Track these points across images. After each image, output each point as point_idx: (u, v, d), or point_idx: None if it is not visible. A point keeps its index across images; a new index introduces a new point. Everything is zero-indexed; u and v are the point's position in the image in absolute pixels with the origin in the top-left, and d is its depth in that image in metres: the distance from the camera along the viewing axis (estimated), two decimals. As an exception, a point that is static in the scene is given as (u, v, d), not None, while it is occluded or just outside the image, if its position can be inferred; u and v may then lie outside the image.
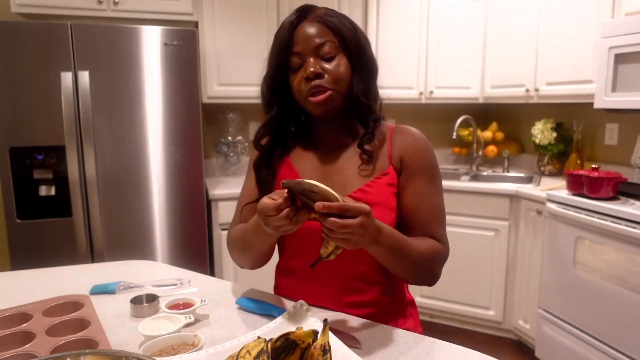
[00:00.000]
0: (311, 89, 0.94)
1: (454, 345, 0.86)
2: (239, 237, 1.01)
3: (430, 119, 3.43)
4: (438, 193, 1.02)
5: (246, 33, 2.68)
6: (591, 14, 2.30)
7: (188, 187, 2.39)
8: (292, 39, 0.95)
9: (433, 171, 1.02)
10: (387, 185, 0.99)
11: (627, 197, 2.06)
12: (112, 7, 2.43)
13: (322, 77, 0.94)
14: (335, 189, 0.93)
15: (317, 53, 0.94)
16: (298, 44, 0.95)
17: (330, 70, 0.94)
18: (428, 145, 1.03)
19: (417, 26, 2.94)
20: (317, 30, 0.94)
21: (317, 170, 1.04)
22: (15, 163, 2.13)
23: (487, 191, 2.59)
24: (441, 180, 1.04)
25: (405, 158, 1.01)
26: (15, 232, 2.17)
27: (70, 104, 2.12)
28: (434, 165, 1.02)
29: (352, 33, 0.97)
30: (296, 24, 0.96)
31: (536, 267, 2.39)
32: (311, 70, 0.93)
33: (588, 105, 2.35)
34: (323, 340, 0.60)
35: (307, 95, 0.95)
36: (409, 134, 1.03)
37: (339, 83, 0.95)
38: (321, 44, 0.94)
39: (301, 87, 0.95)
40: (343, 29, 0.96)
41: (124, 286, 1.12)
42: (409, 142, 1.02)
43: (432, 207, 1.00)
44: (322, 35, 0.94)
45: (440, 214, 1.02)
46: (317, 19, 0.95)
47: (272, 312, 0.96)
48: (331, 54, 0.95)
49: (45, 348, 0.79)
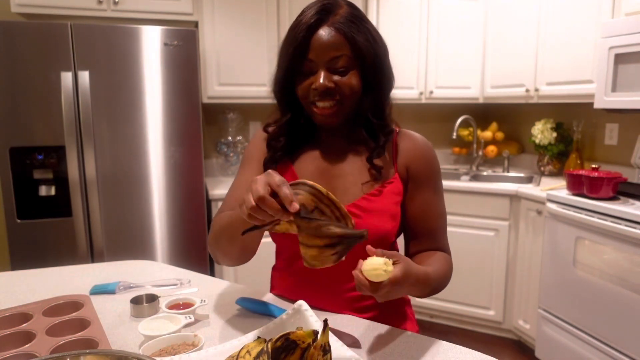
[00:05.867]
0: (317, 100, 0.92)
1: (454, 345, 0.86)
2: (225, 223, 0.91)
3: (430, 119, 3.43)
4: (442, 200, 1.02)
5: (246, 33, 2.68)
6: (591, 14, 2.30)
7: (188, 187, 2.39)
8: (307, 43, 0.90)
9: (438, 180, 1.01)
10: (392, 194, 0.97)
11: (627, 197, 2.06)
12: (112, 7, 2.43)
13: (332, 91, 0.91)
14: (338, 195, 0.92)
15: (330, 65, 0.91)
16: (312, 51, 0.90)
17: (341, 85, 0.91)
18: (433, 152, 1.02)
19: (417, 26, 2.94)
20: (334, 41, 0.89)
21: (319, 174, 1.00)
22: (15, 163, 2.13)
23: (487, 191, 2.59)
24: (442, 188, 1.03)
25: (412, 168, 0.99)
26: (15, 232, 2.17)
27: (70, 104, 2.12)
28: (439, 174, 1.02)
29: (370, 46, 0.92)
30: (314, 28, 0.90)
31: (536, 267, 2.39)
32: (321, 83, 0.90)
33: (588, 105, 2.35)
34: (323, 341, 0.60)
35: (312, 103, 0.93)
36: (415, 142, 1.02)
37: (347, 99, 0.93)
38: (336, 57, 0.90)
39: (307, 93, 0.93)
40: (361, 41, 0.91)
41: (124, 286, 1.12)
42: (415, 151, 1.00)
43: (438, 215, 1.01)
44: (339, 47, 0.90)
45: (444, 222, 1.02)
46: (336, 25, 0.90)
47: (272, 312, 0.96)
48: (344, 68, 0.91)
49: (45, 348, 0.79)
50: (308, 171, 1.02)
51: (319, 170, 1.01)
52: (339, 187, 0.98)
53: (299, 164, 1.03)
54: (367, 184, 0.97)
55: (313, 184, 0.73)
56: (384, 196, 0.97)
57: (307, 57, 0.91)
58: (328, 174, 1.01)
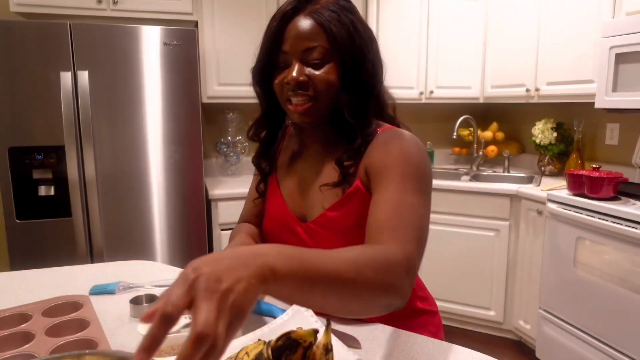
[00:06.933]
0: (291, 95, 0.85)
1: (454, 345, 0.85)
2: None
3: (430, 118, 3.43)
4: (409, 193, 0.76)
5: (246, 33, 2.68)
6: (592, 13, 2.29)
7: (188, 187, 2.38)
8: (281, 34, 0.84)
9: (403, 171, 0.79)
10: (357, 205, 0.85)
11: (628, 197, 2.06)
12: (112, 7, 2.43)
13: (305, 85, 0.84)
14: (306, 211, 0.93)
15: (304, 57, 0.83)
16: (286, 41, 0.84)
17: (315, 78, 0.83)
18: (403, 144, 0.83)
19: (417, 26, 2.94)
20: (309, 30, 0.82)
21: (296, 186, 0.97)
22: (14, 163, 2.12)
23: (487, 191, 2.58)
24: (423, 181, 0.80)
25: (369, 166, 0.84)
26: (15, 232, 2.17)
27: (69, 104, 2.12)
28: (408, 166, 0.80)
29: (349, 37, 0.83)
30: (290, 17, 0.83)
31: (537, 267, 2.39)
32: (293, 76, 0.83)
33: (589, 105, 2.35)
34: (325, 340, 0.59)
35: (286, 99, 0.87)
36: (381, 137, 0.86)
37: (323, 93, 0.84)
38: (310, 48, 0.82)
39: (282, 89, 0.86)
40: (339, 32, 0.82)
41: (124, 286, 1.11)
42: (378, 147, 0.85)
43: (394, 208, 0.74)
44: (314, 37, 0.82)
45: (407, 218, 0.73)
46: (313, 14, 0.82)
47: (272, 312, 0.96)
48: (320, 60, 0.83)
49: (45, 348, 0.78)
50: (286, 185, 0.99)
51: (297, 182, 0.97)
52: (308, 199, 0.94)
53: (283, 175, 1.01)
54: (330, 192, 0.88)
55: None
56: (348, 207, 0.87)
57: (281, 49, 0.85)
58: (303, 185, 0.96)
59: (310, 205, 0.93)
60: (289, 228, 0.97)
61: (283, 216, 0.98)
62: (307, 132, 0.97)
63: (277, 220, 0.99)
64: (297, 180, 0.98)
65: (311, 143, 0.98)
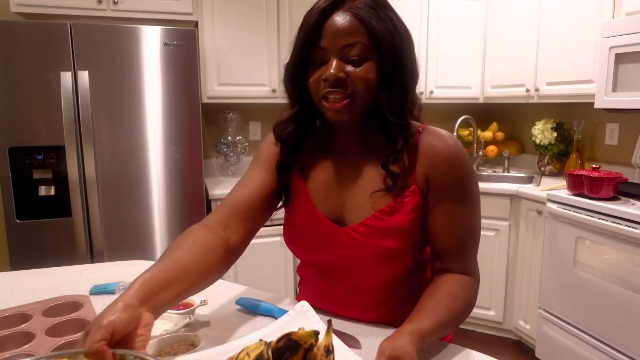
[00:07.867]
0: (328, 93, 0.82)
1: (454, 345, 0.85)
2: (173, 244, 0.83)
3: (430, 119, 3.37)
4: (471, 212, 0.88)
5: (246, 33, 2.68)
6: (592, 13, 2.30)
7: (188, 187, 2.38)
8: (319, 29, 0.81)
9: (466, 188, 0.87)
10: (407, 211, 0.86)
11: (628, 197, 2.06)
12: (112, 7, 2.42)
13: (343, 83, 0.81)
14: (347, 213, 0.89)
15: (343, 54, 0.81)
16: (325, 37, 0.81)
17: (354, 76, 0.81)
18: (459, 155, 0.87)
19: (417, 26, 2.94)
20: (349, 27, 0.80)
21: (329, 190, 0.92)
22: (14, 163, 2.12)
23: (487, 191, 2.58)
24: (477, 194, 0.89)
25: (431, 176, 0.86)
26: (15, 232, 2.17)
27: (69, 104, 2.12)
28: (468, 181, 0.87)
29: (390, 34, 0.81)
30: (329, 13, 0.81)
31: (536, 267, 2.39)
32: (331, 72, 0.80)
33: (588, 105, 2.35)
34: (327, 341, 0.59)
35: (322, 97, 0.83)
36: (437, 143, 0.87)
37: (362, 92, 0.82)
38: (350, 44, 0.80)
39: (318, 86, 0.83)
40: (380, 29, 0.80)
41: (124, 286, 1.11)
42: (436, 156, 0.86)
43: (464, 229, 0.88)
44: (354, 33, 0.80)
45: (473, 238, 0.89)
46: (352, 10, 0.80)
47: (272, 312, 0.96)
48: (359, 57, 0.81)
49: (45, 348, 0.78)
50: (318, 188, 0.93)
51: (329, 185, 0.92)
52: (348, 203, 0.90)
53: (311, 178, 0.94)
54: (379, 196, 0.87)
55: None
56: (397, 214, 0.86)
57: (318, 45, 0.82)
58: (339, 188, 0.92)
59: (351, 208, 0.90)
60: (322, 233, 0.92)
61: (314, 220, 0.92)
62: (339, 133, 0.93)
63: (308, 224, 0.93)
64: (330, 183, 0.93)
65: (345, 144, 0.93)
